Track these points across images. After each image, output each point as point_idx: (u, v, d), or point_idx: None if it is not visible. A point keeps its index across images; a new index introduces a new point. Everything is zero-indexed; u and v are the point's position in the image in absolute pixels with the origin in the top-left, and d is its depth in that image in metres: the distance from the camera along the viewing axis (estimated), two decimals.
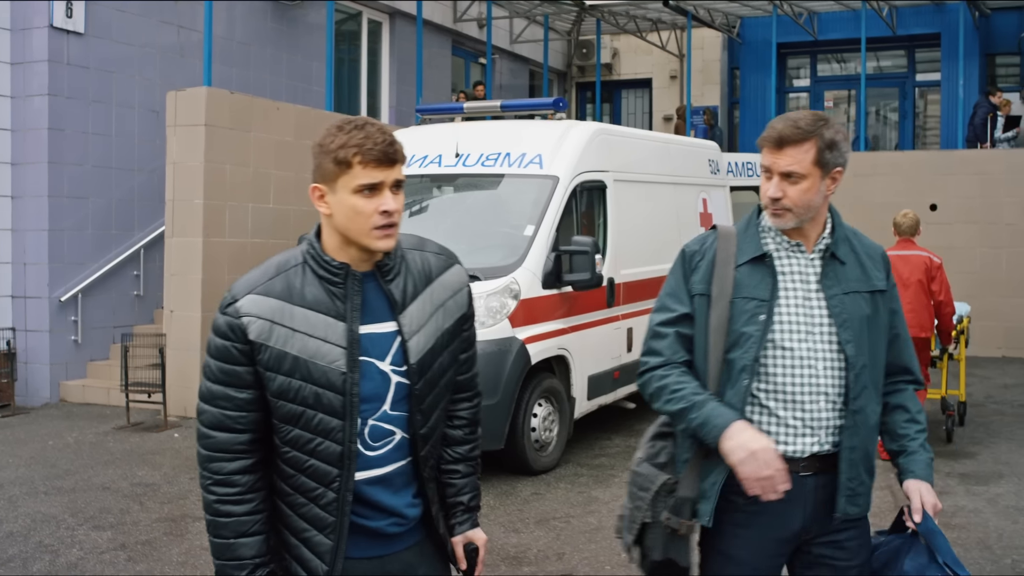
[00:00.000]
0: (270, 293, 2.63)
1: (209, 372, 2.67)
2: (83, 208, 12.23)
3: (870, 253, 3.25)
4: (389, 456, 2.72)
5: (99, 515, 7.48)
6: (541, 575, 6.26)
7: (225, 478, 2.66)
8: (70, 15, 11.90)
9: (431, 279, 2.78)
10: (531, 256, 8.73)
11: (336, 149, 2.57)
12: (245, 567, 2.67)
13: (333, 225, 2.65)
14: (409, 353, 2.69)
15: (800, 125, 3.04)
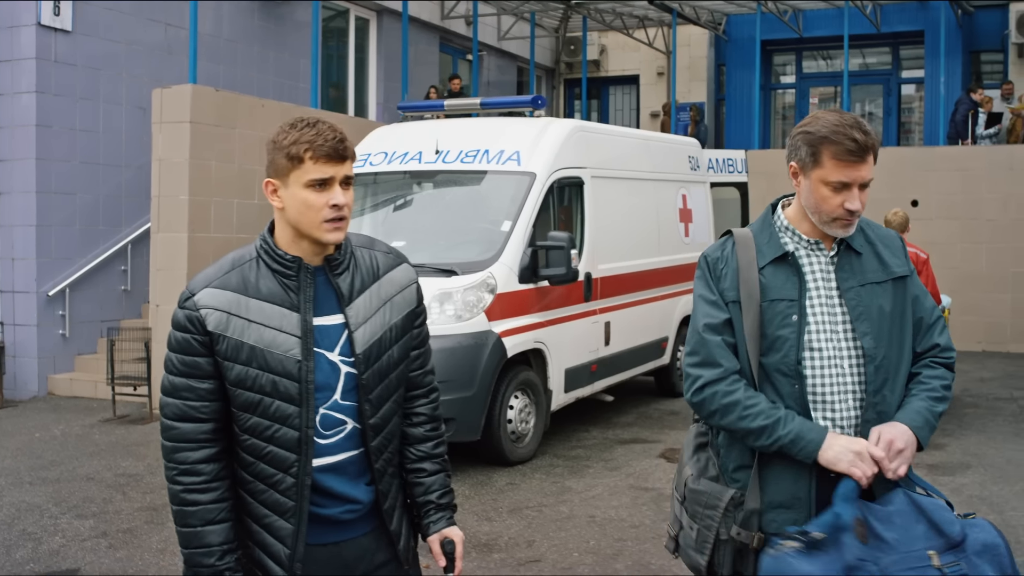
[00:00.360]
0: (226, 287, 2.75)
1: (171, 365, 2.76)
2: (71, 204, 12.38)
3: (886, 242, 3.23)
4: (341, 445, 2.82)
5: (82, 504, 7.65)
6: (510, 561, 6.44)
7: (190, 467, 2.75)
8: (58, 13, 12.04)
9: (378, 275, 2.90)
10: (508, 251, 8.89)
11: (288, 145, 2.70)
12: (213, 553, 2.75)
13: (286, 219, 2.77)
14: (355, 344, 2.80)
15: (871, 134, 3.03)
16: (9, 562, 6.42)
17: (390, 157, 10.03)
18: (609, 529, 7.09)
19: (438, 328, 8.33)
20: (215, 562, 2.75)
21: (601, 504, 7.69)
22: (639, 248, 11.07)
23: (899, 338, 3.14)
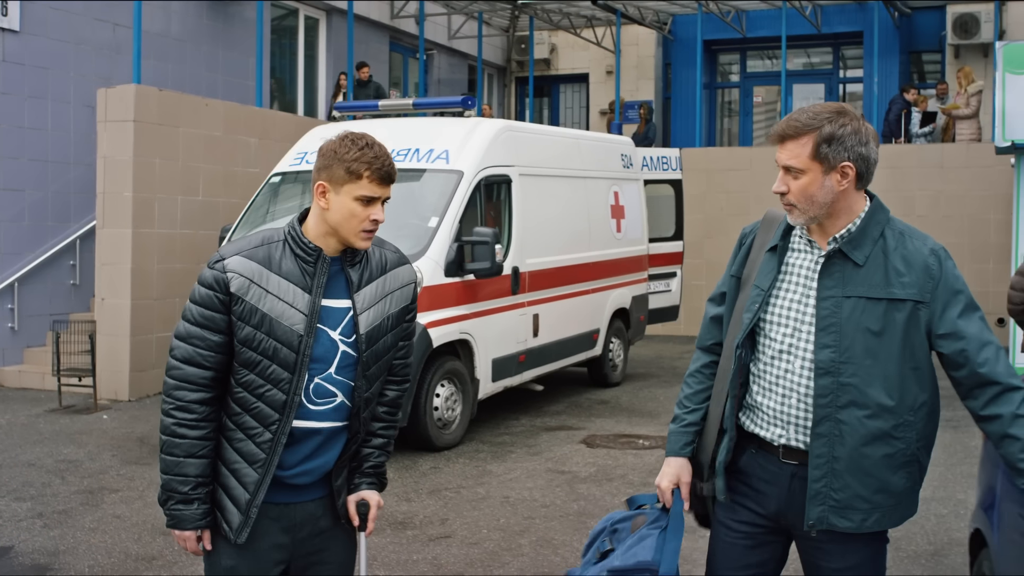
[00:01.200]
0: (253, 258, 3.14)
1: (190, 315, 3.15)
2: (19, 200, 12.69)
3: (909, 259, 3.08)
4: (328, 414, 3.21)
5: (21, 488, 8.00)
6: (421, 537, 6.86)
7: (186, 405, 3.14)
8: (5, 13, 12.34)
9: (385, 270, 3.31)
10: (434, 246, 9.31)
11: (351, 160, 3.10)
12: (188, 483, 3.15)
13: (325, 218, 3.16)
14: (359, 325, 3.20)
15: (799, 119, 3.05)
16: None
17: None
18: (520, 508, 7.52)
19: None
20: (188, 491, 3.15)
21: (516, 486, 8.13)
22: (569, 243, 11.50)
23: (880, 361, 3.05)
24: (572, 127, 23.66)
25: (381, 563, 6.34)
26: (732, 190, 17.86)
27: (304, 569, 3.32)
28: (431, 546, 6.68)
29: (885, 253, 3.08)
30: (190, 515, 3.17)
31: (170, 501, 3.18)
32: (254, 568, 3.23)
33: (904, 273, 3.06)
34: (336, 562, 3.38)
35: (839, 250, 3.11)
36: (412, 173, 10.00)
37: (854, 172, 3.07)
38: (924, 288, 3.05)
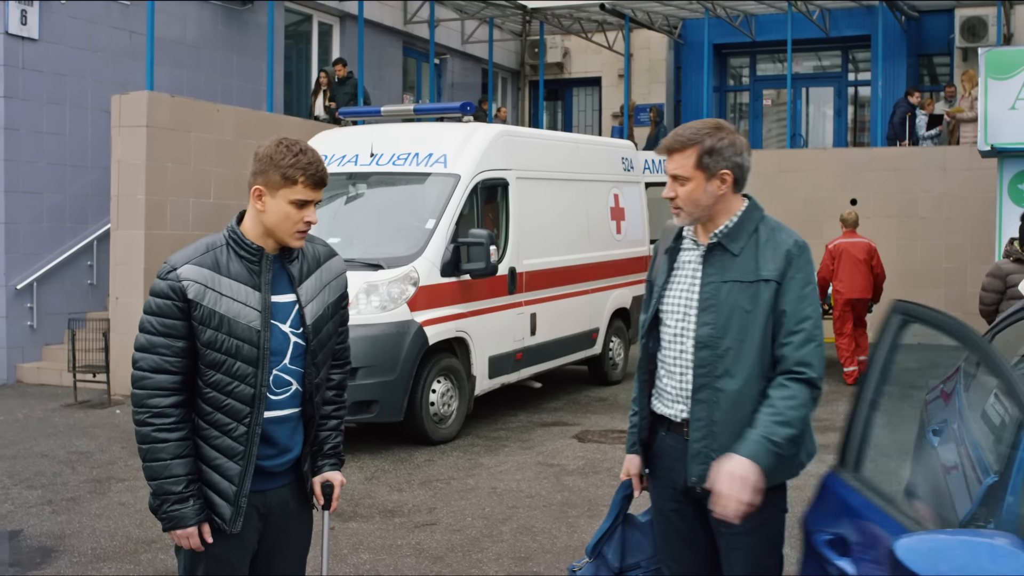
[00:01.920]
0: (203, 264, 3.35)
1: (149, 326, 3.34)
2: (39, 203, 13.13)
3: (776, 247, 3.51)
4: (287, 402, 3.49)
5: (33, 477, 8.41)
6: (408, 524, 7.21)
7: (161, 411, 3.33)
8: (25, 22, 12.79)
9: (320, 263, 3.57)
10: (431, 247, 9.67)
11: (287, 167, 3.32)
12: (180, 482, 3.35)
13: (261, 220, 3.40)
14: (305, 317, 3.47)
15: (683, 135, 3.52)
16: None
17: (330, 159, 10.76)
18: (506, 498, 7.86)
19: (364, 317, 9.14)
20: (182, 489, 3.36)
21: (505, 478, 8.47)
22: (568, 244, 11.83)
23: (749, 335, 3.46)
24: (585, 130, 24.02)
25: (367, 547, 6.69)
26: None
27: (271, 549, 3.61)
28: (416, 532, 7.03)
29: (758, 244, 3.51)
30: (189, 512, 3.38)
31: (165, 504, 3.37)
32: (239, 553, 3.51)
33: (771, 260, 3.49)
34: (299, 542, 3.71)
35: (719, 243, 3.54)
36: (411, 176, 10.37)
37: (731, 178, 3.52)
38: (782, 271, 3.47)
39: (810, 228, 17.36)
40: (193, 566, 3.50)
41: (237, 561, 3.51)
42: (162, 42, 14.19)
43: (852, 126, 22.91)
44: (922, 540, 2.25)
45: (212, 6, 15.76)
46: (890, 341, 3.27)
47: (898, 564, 2.23)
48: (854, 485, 3.23)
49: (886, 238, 17.10)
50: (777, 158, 18.41)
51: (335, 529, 7.04)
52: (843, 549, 3.03)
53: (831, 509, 3.28)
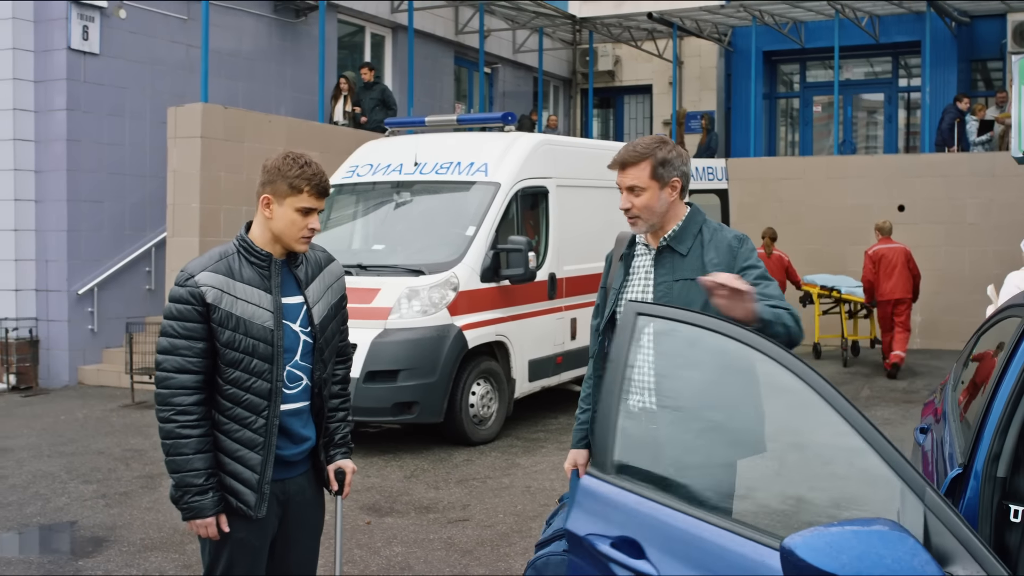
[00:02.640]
0: (218, 271, 3.64)
1: (171, 330, 3.62)
2: (99, 211, 13.64)
3: (719, 245, 3.82)
4: (299, 396, 3.80)
5: (89, 473, 8.83)
6: (441, 519, 7.50)
7: (185, 408, 3.60)
8: (86, 37, 13.30)
9: (322, 268, 3.91)
10: (471, 253, 9.96)
11: (293, 177, 3.63)
12: (201, 475, 3.62)
13: (269, 226, 3.70)
14: (313, 316, 3.79)
15: (637, 149, 3.86)
16: (20, 515, 7.60)
17: (375, 169, 11.13)
18: (539, 497, 8.12)
19: (405, 321, 9.48)
20: (203, 482, 3.62)
21: (540, 477, 8.73)
22: (608, 251, 12.03)
23: None
24: (636, 137, 24.16)
25: (400, 541, 6.99)
26: (785, 199, 18.21)
27: (289, 533, 3.91)
28: (448, 527, 7.31)
29: (702, 244, 3.83)
30: (208, 503, 3.64)
31: (185, 496, 3.63)
32: (260, 537, 3.80)
33: (715, 256, 3.80)
34: (315, 528, 4.02)
35: (668, 246, 3.87)
36: (453, 185, 10.68)
37: (680, 186, 3.88)
38: (728, 263, 3.75)
39: (857, 235, 17.47)
40: (218, 552, 3.77)
41: (259, 545, 3.80)
42: (218, 54, 14.69)
43: (905, 132, 22.86)
44: (816, 536, 2.34)
45: (267, 19, 16.22)
46: (628, 339, 3.34)
47: (798, 563, 2.31)
48: (619, 483, 3.20)
49: (934, 244, 17.15)
50: (825, 165, 18.49)
51: (371, 523, 7.35)
52: (634, 550, 3.02)
53: (600, 512, 3.21)
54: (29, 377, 13.18)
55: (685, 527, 2.93)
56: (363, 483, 8.44)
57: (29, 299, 13.41)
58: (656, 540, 2.98)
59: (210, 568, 3.81)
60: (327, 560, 5.28)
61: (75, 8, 13.14)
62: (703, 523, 2.91)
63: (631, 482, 3.18)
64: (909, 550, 2.26)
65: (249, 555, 3.78)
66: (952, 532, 2.45)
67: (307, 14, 16.72)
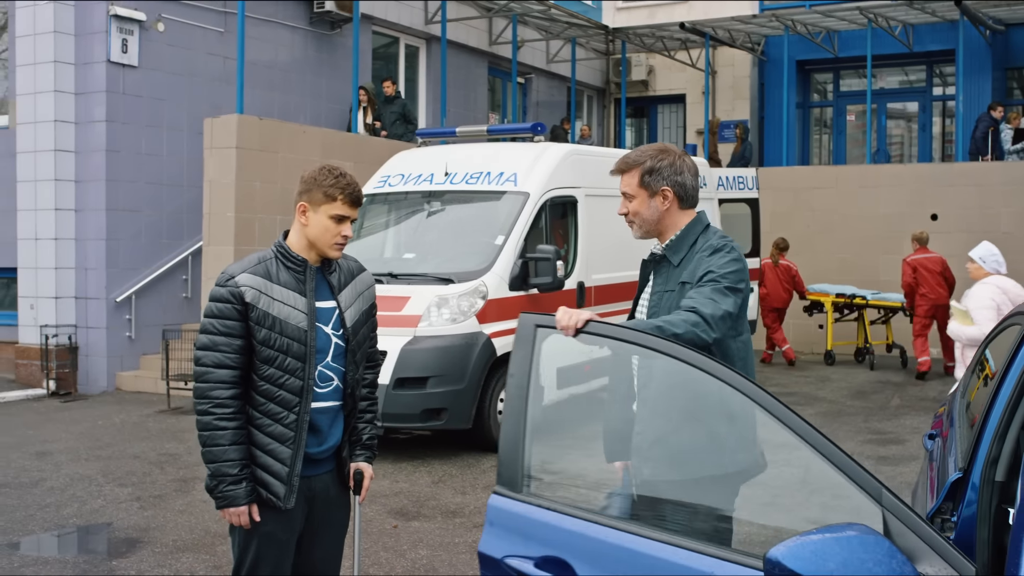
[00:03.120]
0: (257, 273, 3.86)
1: (212, 327, 3.83)
2: (137, 220, 13.90)
3: (702, 251, 3.85)
4: (329, 395, 3.99)
5: (125, 476, 9.03)
6: (467, 524, 7.63)
7: (222, 401, 3.80)
8: (125, 50, 13.58)
9: (354, 276, 4.14)
10: (500, 262, 10.09)
11: (328, 186, 3.88)
12: (236, 466, 3.81)
13: (305, 233, 3.93)
14: (345, 320, 4.01)
15: (628, 159, 3.98)
16: (58, 516, 7.81)
17: (406, 179, 11.30)
18: None
19: (435, 329, 9.62)
20: (237, 472, 3.82)
21: None
22: (637, 260, 12.12)
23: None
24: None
25: (426, 544, 7.12)
26: (817, 208, 18.23)
27: (315, 529, 4.09)
28: (474, 531, 7.43)
29: (693, 256, 3.87)
30: (242, 492, 3.83)
31: (220, 485, 3.83)
32: (287, 531, 3.98)
33: (694, 266, 3.82)
34: (339, 525, 4.19)
35: (663, 255, 3.96)
36: (483, 195, 10.82)
37: (672, 194, 3.91)
38: (693, 271, 3.80)
39: (890, 243, 17.46)
40: (246, 544, 3.95)
41: (285, 539, 3.97)
42: (255, 66, 14.94)
43: (940, 141, 22.77)
44: (800, 545, 2.38)
45: (303, 31, 16.46)
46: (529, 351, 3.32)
47: (785, 572, 2.36)
48: (537, 501, 3.13)
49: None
50: (858, 174, 18.48)
51: (397, 527, 7.49)
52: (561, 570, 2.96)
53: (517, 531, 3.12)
54: (68, 383, 13.45)
55: (618, 542, 2.89)
56: (391, 488, 8.59)
57: (69, 306, 13.68)
58: (586, 557, 2.92)
59: (239, 560, 3.99)
60: (348, 561, 5.41)
61: (115, 22, 13.42)
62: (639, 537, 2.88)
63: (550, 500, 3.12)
64: (886, 552, 2.34)
65: (276, 548, 3.95)
66: (914, 531, 2.53)
67: (342, 26, 16.95)
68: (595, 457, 3.94)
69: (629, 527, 2.95)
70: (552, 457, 3.77)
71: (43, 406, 12.70)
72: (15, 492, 8.51)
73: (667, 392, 3.54)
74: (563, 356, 11.08)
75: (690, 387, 3.23)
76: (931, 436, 4.69)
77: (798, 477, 3.00)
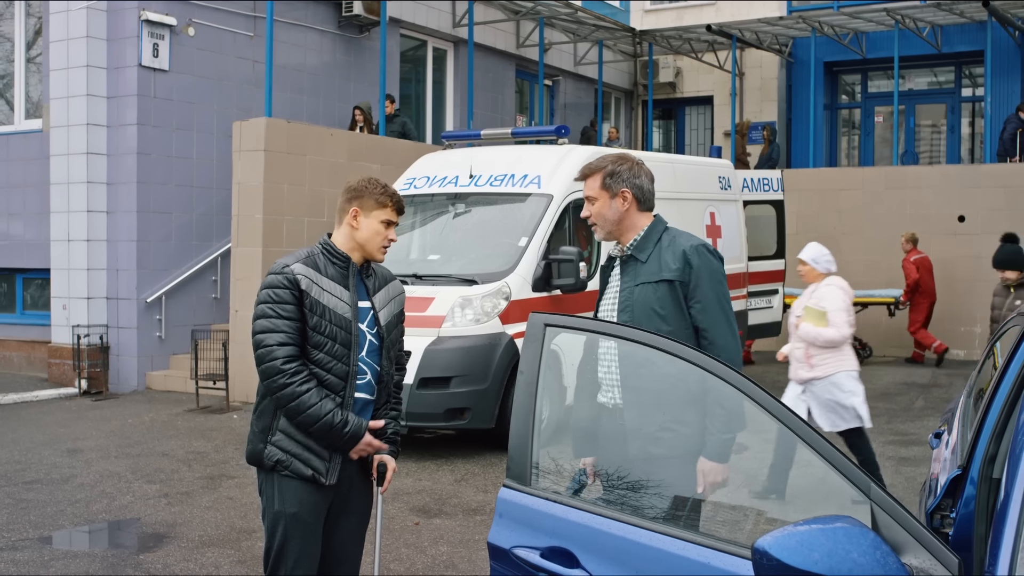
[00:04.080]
0: (308, 264, 4.16)
1: (271, 311, 4.05)
2: (167, 222, 14.11)
3: (675, 250, 4.15)
4: (363, 388, 4.24)
5: (153, 473, 9.20)
6: (488, 521, 7.72)
7: (295, 369, 4.03)
8: (156, 55, 13.79)
9: (387, 282, 4.45)
10: (523, 263, 10.20)
11: (379, 194, 4.24)
12: (336, 413, 4.07)
13: (354, 236, 4.24)
14: (380, 318, 4.29)
15: (590, 165, 4.31)
16: (87, 512, 7.98)
17: (431, 181, 11.43)
18: None
19: (458, 329, 9.74)
20: (341, 416, 4.08)
21: None
22: None
23: (658, 324, 4.11)
24: (697, 148, 24.33)
25: (446, 541, 7.23)
26: (844, 209, 18.22)
27: (337, 513, 4.29)
28: None
29: (660, 251, 4.18)
30: (357, 424, 4.13)
31: (337, 430, 4.07)
32: (313, 513, 4.18)
33: (671, 262, 4.14)
34: (361, 512, 4.41)
35: (631, 255, 4.24)
36: (507, 197, 10.93)
37: (631, 196, 4.22)
38: (682, 273, 4.12)
39: (917, 245, 17.44)
40: (274, 526, 4.17)
41: (312, 521, 4.19)
42: (284, 69, 15.13)
43: (969, 142, 22.68)
44: (787, 536, 2.42)
45: (331, 35, 16.63)
46: (539, 349, 3.39)
47: (772, 562, 2.40)
48: (543, 493, 3.22)
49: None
50: (884, 175, 18.45)
51: (419, 524, 7.61)
52: (566, 560, 3.04)
53: (525, 522, 3.20)
54: (100, 382, 13.67)
55: (621, 533, 2.97)
56: (414, 486, 8.71)
57: (100, 307, 13.90)
58: (590, 548, 3.01)
59: (269, 543, 4.22)
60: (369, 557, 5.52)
61: (146, 27, 13.63)
62: (640, 529, 2.94)
63: (556, 492, 3.24)
64: (871, 544, 2.41)
65: (303, 529, 4.17)
66: (901, 524, 2.61)
67: (370, 29, 17.11)
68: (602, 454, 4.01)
69: (630, 519, 3.03)
70: (565, 453, 3.87)
71: (75, 405, 12.92)
72: (46, 488, 8.70)
73: (655, 384, 3.68)
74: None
75: (678, 378, 3.40)
76: (937, 435, 4.75)
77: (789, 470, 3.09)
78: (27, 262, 14.96)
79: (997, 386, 3.60)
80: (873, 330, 17.17)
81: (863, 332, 16.25)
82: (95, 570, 6.67)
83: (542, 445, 3.38)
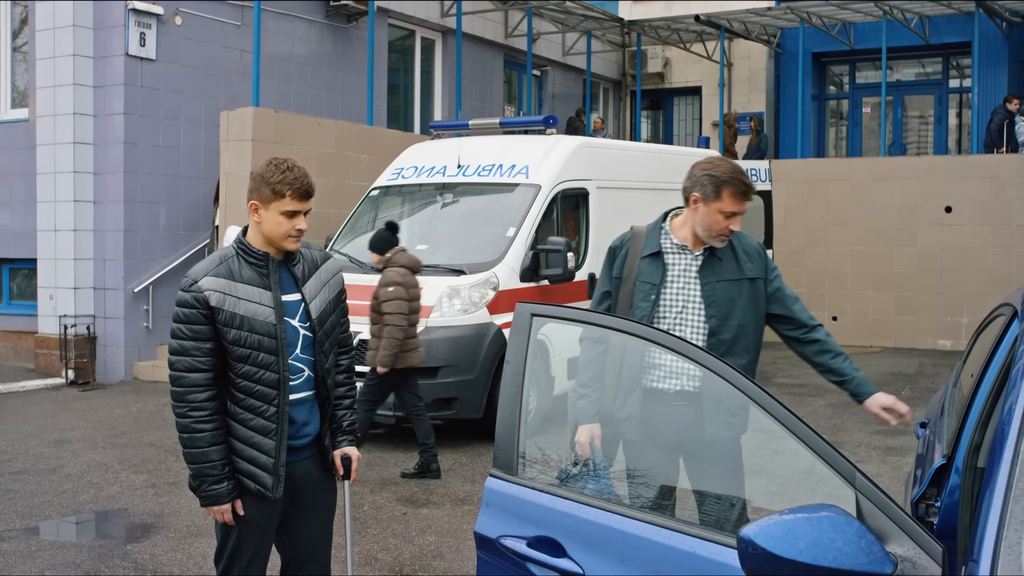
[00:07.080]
0: (219, 275, 3.88)
1: (181, 334, 3.87)
2: (155, 212, 14.07)
3: (747, 250, 4.37)
4: (301, 386, 4.03)
5: (141, 464, 9.19)
6: (476, 511, 7.72)
7: (199, 404, 3.86)
8: (143, 44, 13.73)
9: (318, 266, 4.14)
10: (511, 253, 10.21)
11: (275, 183, 3.88)
12: (216, 466, 3.88)
13: (260, 230, 3.94)
14: (311, 312, 4.02)
15: (750, 181, 4.40)
16: (75, 502, 7.97)
17: (419, 171, 11.42)
18: None
19: (446, 319, 9.74)
20: (219, 472, 3.90)
21: None
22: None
23: (746, 320, 4.33)
24: (685, 139, 24.34)
25: (434, 531, 7.25)
26: (831, 200, 18.26)
27: (299, 511, 4.17)
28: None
29: (734, 249, 4.35)
30: (224, 491, 3.91)
31: (203, 485, 3.90)
32: (267, 516, 4.07)
33: (748, 260, 4.36)
34: (324, 508, 4.27)
35: (712, 251, 4.35)
36: (495, 187, 10.93)
37: (694, 201, 4.35)
38: (760, 269, 4.38)
39: (903, 236, 17.53)
40: (228, 529, 4.05)
41: (266, 523, 4.07)
42: (272, 59, 15.08)
43: (956, 133, 22.73)
44: (772, 525, 2.44)
45: (319, 24, 16.58)
46: (525, 339, 3.38)
47: (757, 551, 2.42)
48: (530, 483, 3.23)
49: (982, 246, 17.10)
50: (871, 166, 18.48)
51: (407, 514, 7.62)
52: (553, 549, 3.07)
53: (512, 512, 3.21)
54: (87, 372, 13.63)
55: (607, 523, 2.99)
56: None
57: (87, 297, 13.86)
58: (576, 537, 3.03)
59: (221, 544, 4.10)
60: (354, 548, 5.53)
61: (133, 15, 13.57)
62: (626, 519, 2.98)
63: (543, 482, 3.26)
64: (856, 533, 2.42)
65: (257, 532, 4.05)
66: (885, 513, 2.63)
67: (358, 19, 17.06)
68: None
69: (615, 508, 3.05)
70: (551, 443, 3.87)
71: (61, 395, 12.89)
72: (33, 479, 8.68)
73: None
74: (573, 348, 11.21)
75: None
76: (923, 425, 4.78)
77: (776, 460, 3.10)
78: (13, 252, 14.91)
79: (982, 376, 3.62)
80: (860, 321, 17.25)
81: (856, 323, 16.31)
82: (82, 560, 6.67)
83: (528, 435, 3.38)
